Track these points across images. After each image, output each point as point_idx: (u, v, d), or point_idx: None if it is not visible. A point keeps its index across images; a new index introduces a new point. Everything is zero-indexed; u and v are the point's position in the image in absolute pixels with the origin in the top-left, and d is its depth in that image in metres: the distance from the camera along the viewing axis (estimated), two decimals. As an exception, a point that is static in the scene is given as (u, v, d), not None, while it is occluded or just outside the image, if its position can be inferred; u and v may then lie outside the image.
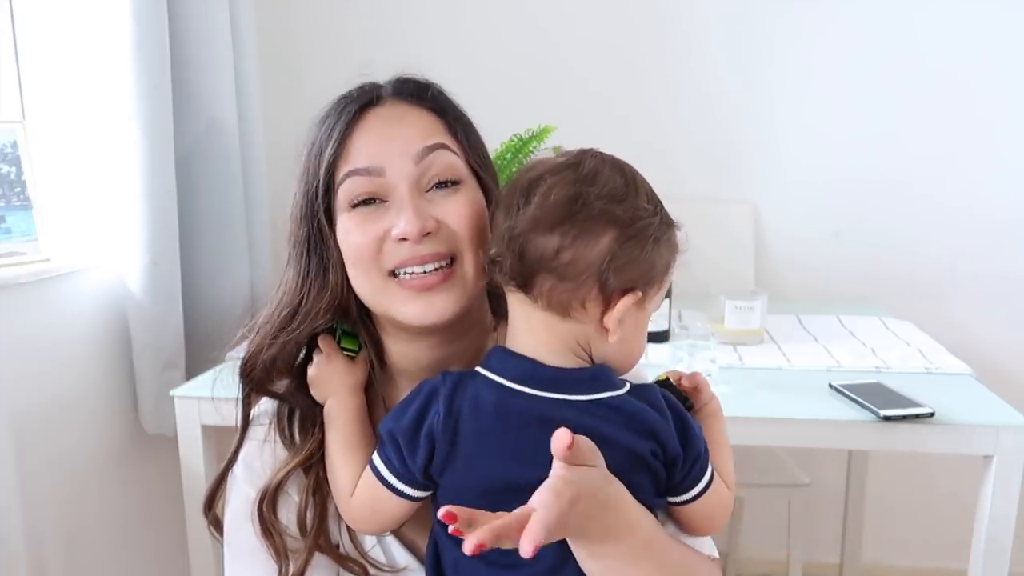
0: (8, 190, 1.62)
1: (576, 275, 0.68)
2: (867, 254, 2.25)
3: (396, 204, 0.74)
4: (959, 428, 1.33)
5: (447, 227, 0.75)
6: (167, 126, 1.68)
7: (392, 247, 0.74)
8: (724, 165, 2.25)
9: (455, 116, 0.80)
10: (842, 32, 2.19)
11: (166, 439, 1.64)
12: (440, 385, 0.71)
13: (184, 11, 1.72)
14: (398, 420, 0.72)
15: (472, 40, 2.26)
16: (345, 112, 0.77)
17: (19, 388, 1.49)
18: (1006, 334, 2.20)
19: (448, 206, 0.75)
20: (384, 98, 0.78)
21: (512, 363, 0.71)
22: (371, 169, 0.74)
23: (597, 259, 0.67)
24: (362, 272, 0.76)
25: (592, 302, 0.69)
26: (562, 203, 0.68)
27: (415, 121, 0.77)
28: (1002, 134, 2.18)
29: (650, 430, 0.70)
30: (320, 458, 0.82)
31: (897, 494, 2.31)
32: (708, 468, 0.74)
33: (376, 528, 0.78)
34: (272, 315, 0.80)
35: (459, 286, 0.76)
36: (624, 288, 0.69)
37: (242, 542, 0.82)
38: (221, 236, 1.86)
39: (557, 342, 0.71)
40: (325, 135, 0.77)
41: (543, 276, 0.68)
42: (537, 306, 0.70)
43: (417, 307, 0.75)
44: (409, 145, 0.75)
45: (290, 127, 2.24)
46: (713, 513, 0.77)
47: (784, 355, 1.66)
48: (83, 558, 1.67)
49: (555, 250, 0.67)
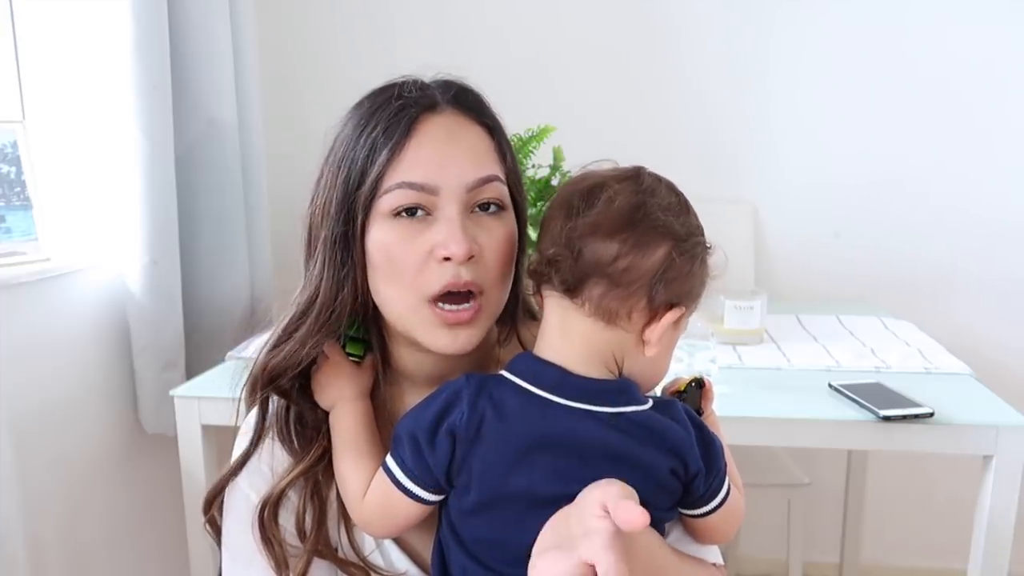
0: (8, 190, 1.62)
1: (629, 283, 0.68)
2: (866, 254, 2.25)
3: (443, 221, 0.73)
4: (959, 428, 1.33)
5: (484, 256, 0.74)
6: (167, 126, 1.68)
7: (436, 269, 0.73)
8: (723, 165, 2.25)
9: (504, 137, 0.79)
10: (841, 33, 2.19)
11: (166, 439, 1.64)
12: (464, 386, 0.71)
13: (184, 11, 1.72)
14: (418, 419, 0.72)
15: (472, 40, 2.26)
16: (405, 114, 0.74)
17: (19, 388, 1.49)
18: (1006, 334, 2.20)
19: (489, 234, 0.75)
20: (442, 106, 0.76)
21: (539, 369, 0.71)
22: (426, 186, 0.73)
23: (651, 269, 0.68)
24: (396, 289, 0.75)
25: (638, 312, 0.70)
26: (625, 211, 0.68)
27: (473, 142, 0.76)
28: (1001, 134, 2.18)
29: (673, 448, 0.70)
30: (321, 463, 0.81)
31: (897, 494, 2.31)
32: (726, 481, 0.74)
33: (388, 531, 0.77)
34: (307, 315, 0.78)
35: (484, 321, 0.76)
36: (669, 302, 0.70)
37: (241, 546, 0.81)
38: (221, 236, 1.86)
39: (591, 352, 0.71)
40: (380, 134, 0.74)
41: (595, 280, 0.69)
42: (582, 311, 0.70)
43: (444, 339, 0.75)
44: (466, 171, 0.74)
45: (290, 127, 2.24)
46: (728, 523, 0.76)
47: (784, 355, 1.67)
48: (83, 558, 1.67)
49: (613, 256, 0.68)
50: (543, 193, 1.73)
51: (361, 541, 0.82)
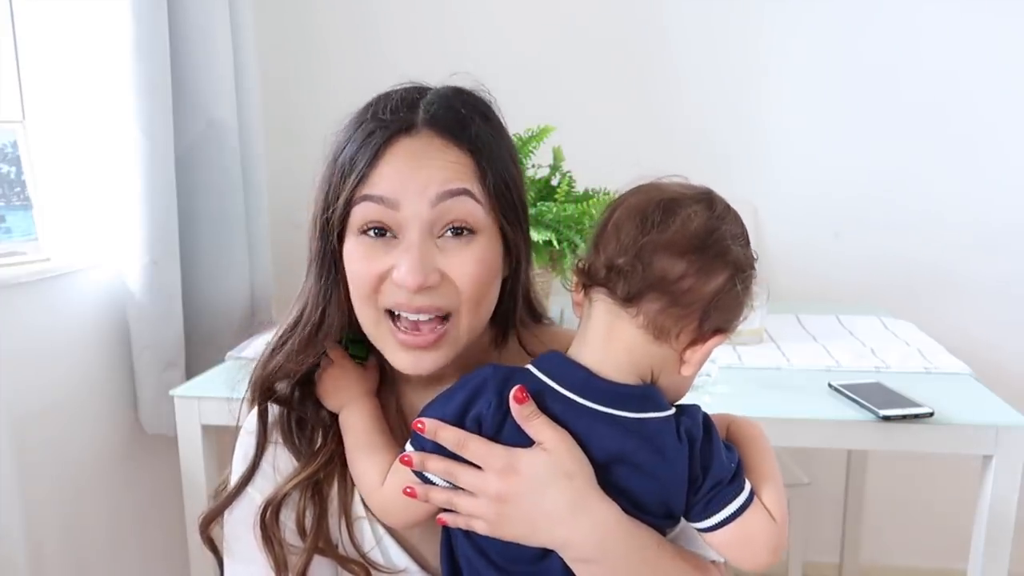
0: (8, 190, 1.62)
1: (688, 303, 0.69)
2: (866, 254, 2.25)
3: (404, 245, 0.73)
4: (959, 428, 1.33)
5: (450, 282, 0.73)
6: (167, 126, 1.68)
7: (390, 288, 0.73)
8: (723, 165, 2.25)
9: (490, 158, 0.76)
10: (842, 32, 2.19)
11: (166, 439, 1.64)
12: (490, 376, 0.71)
13: (184, 11, 1.72)
14: (443, 407, 0.72)
15: (472, 40, 2.25)
16: (376, 137, 0.74)
17: (19, 388, 1.49)
18: (1006, 334, 2.20)
19: (456, 259, 0.73)
20: (418, 127, 0.74)
21: (567, 370, 0.72)
22: (386, 199, 0.72)
23: (709, 294, 0.69)
24: (359, 302, 0.76)
25: (687, 333, 0.70)
26: (700, 233, 0.69)
27: (443, 160, 0.73)
28: (1001, 134, 2.18)
29: (671, 458, 0.70)
30: (327, 467, 0.82)
31: (896, 494, 2.31)
32: (738, 497, 0.72)
33: (406, 520, 0.77)
34: (296, 327, 0.79)
35: (449, 344, 0.75)
36: (717, 328, 0.71)
37: (242, 545, 0.82)
38: (221, 236, 1.86)
39: (631, 361, 0.71)
40: (351, 155, 0.74)
41: (656, 296, 0.69)
42: (633, 322, 0.70)
43: (407, 360, 0.75)
44: (429, 185, 0.72)
45: (290, 127, 2.24)
46: (746, 547, 0.72)
47: (784, 355, 1.67)
48: (83, 558, 1.67)
49: (679, 275, 0.68)
50: (543, 193, 1.73)
51: (361, 538, 0.82)
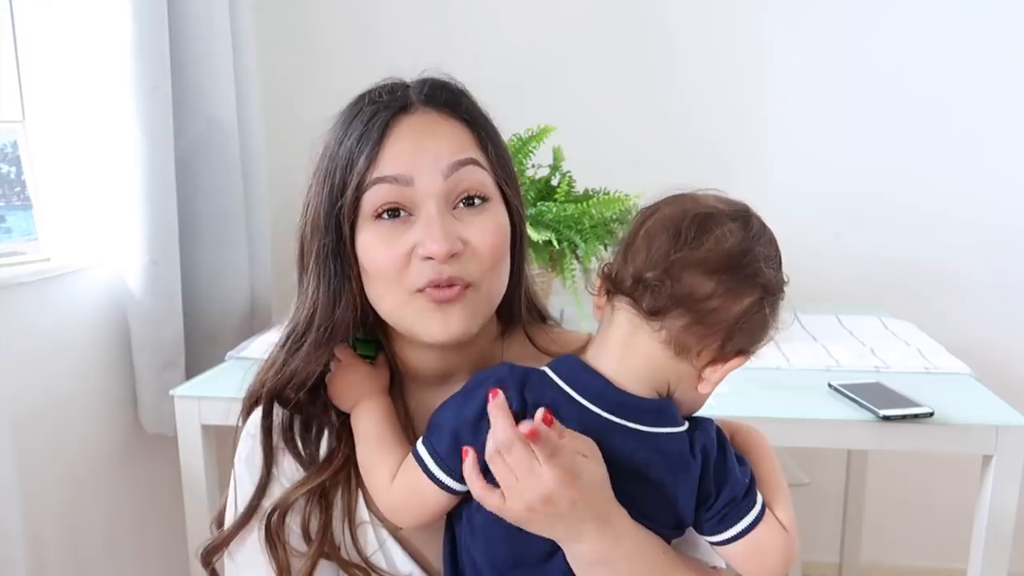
0: (8, 190, 1.62)
1: (713, 323, 0.68)
2: (866, 254, 2.25)
3: (423, 220, 0.73)
4: (959, 428, 1.33)
5: (472, 250, 0.74)
6: (167, 126, 1.68)
7: (416, 265, 0.73)
8: (723, 165, 2.25)
9: (486, 129, 0.79)
10: (842, 33, 2.19)
11: (166, 438, 1.64)
12: (507, 375, 0.71)
13: (184, 11, 1.72)
14: (460, 409, 0.72)
15: (472, 40, 2.25)
16: (378, 119, 0.74)
17: (19, 388, 1.48)
18: (1005, 334, 2.20)
19: (474, 227, 0.74)
20: (416, 104, 0.76)
21: (584, 377, 0.71)
22: (399, 178, 0.73)
23: (736, 315, 0.68)
24: (385, 288, 0.75)
25: (708, 352, 0.70)
26: (734, 253, 0.68)
27: (447, 133, 0.76)
28: (1002, 134, 2.18)
29: (685, 476, 0.70)
30: (340, 473, 0.82)
31: (896, 494, 2.30)
32: (752, 510, 0.73)
33: (414, 519, 0.77)
34: (306, 333, 0.78)
35: (476, 306, 0.75)
36: (740, 349, 0.70)
37: (245, 548, 0.82)
38: (221, 236, 1.86)
39: (648, 373, 0.71)
40: (354, 142, 0.74)
41: (681, 312, 0.68)
42: (656, 336, 0.69)
43: (436, 324, 0.74)
44: (440, 158, 0.73)
45: (290, 127, 2.24)
46: (758, 561, 0.73)
47: (783, 355, 1.66)
48: (83, 558, 1.67)
49: (707, 294, 0.68)
50: (543, 193, 1.73)
51: (364, 542, 0.82)
